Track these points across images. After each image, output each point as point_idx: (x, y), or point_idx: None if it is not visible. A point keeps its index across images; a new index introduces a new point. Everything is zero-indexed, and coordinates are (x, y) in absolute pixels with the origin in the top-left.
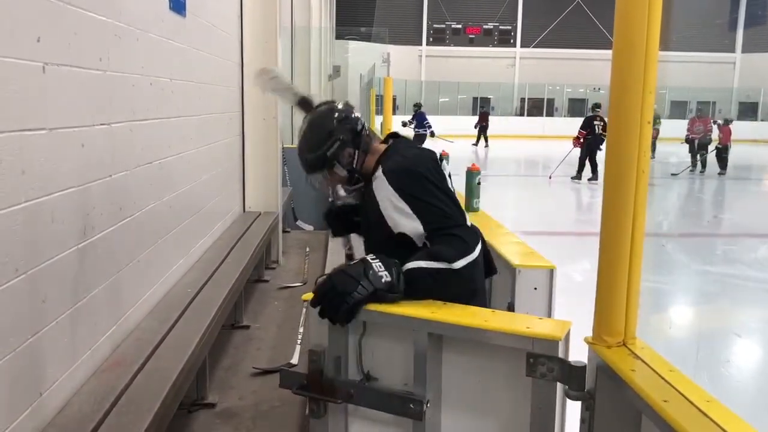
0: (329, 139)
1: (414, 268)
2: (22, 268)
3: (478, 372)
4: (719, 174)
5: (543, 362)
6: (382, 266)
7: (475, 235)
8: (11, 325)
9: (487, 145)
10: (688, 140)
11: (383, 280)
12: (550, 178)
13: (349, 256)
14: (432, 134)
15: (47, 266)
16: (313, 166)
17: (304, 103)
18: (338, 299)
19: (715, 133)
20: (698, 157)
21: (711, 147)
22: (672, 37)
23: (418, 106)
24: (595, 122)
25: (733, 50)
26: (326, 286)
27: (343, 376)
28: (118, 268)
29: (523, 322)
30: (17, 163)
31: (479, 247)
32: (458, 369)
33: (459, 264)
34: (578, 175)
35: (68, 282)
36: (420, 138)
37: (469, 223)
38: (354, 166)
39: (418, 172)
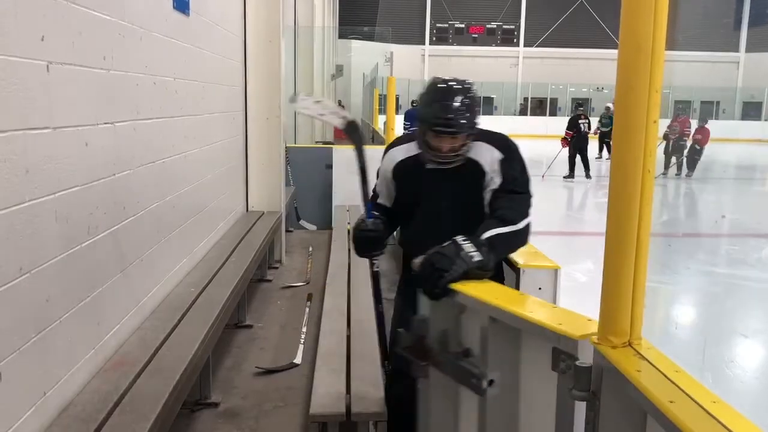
0: (478, 112)
1: (494, 236)
2: (26, 267)
3: (522, 359)
4: (687, 176)
5: (564, 359)
6: (473, 246)
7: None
8: (15, 324)
9: None
10: (665, 137)
11: (474, 260)
12: (543, 177)
13: (376, 275)
14: None
15: (51, 265)
16: (461, 128)
17: (352, 126)
18: (436, 276)
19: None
20: (673, 159)
21: (687, 150)
22: (677, 37)
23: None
24: (581, 121)
25: (737, 49)
26: (426, 265)
27: (446, 347)
28: (121, 267)
29: (559, 318)
30: (21, 162)
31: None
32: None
33: (523, 224)
34: (571, 174)
35: (72, 281)
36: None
37: None
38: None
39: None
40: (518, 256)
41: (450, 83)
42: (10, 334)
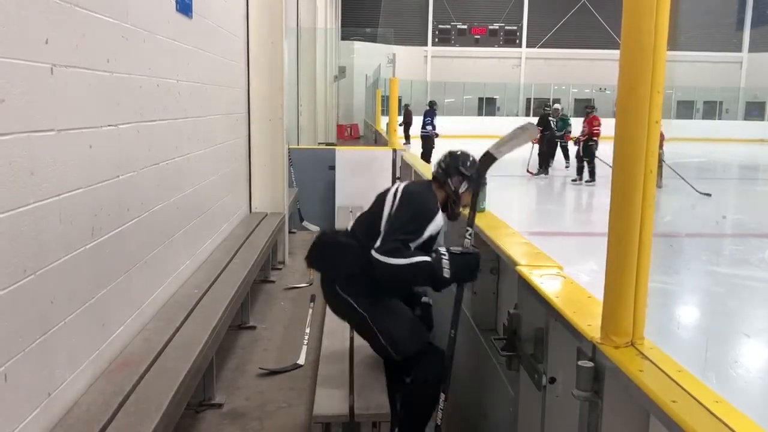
0: None
1: None
2: (30, 268)
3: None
4: (587, 182)
5: (581, 357)
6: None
7: None
8: (20, 325)
9: (408, 143)
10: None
11: None
12: (528, 171)
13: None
14: (436, 135)
15: (56, 267)
16: None
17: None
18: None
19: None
20: (584, 163)
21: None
22: (679, 37)
23: (429, 104)
24: (550, 119)
25: (740, 50)
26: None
27: (538, 343)
28: (125, 268)
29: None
30: (26, 164)
31: None
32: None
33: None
34: (545, 171)
35: (77, 282)
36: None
37: None
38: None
39: None
40: (520, 257)
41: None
42: (15, 336)
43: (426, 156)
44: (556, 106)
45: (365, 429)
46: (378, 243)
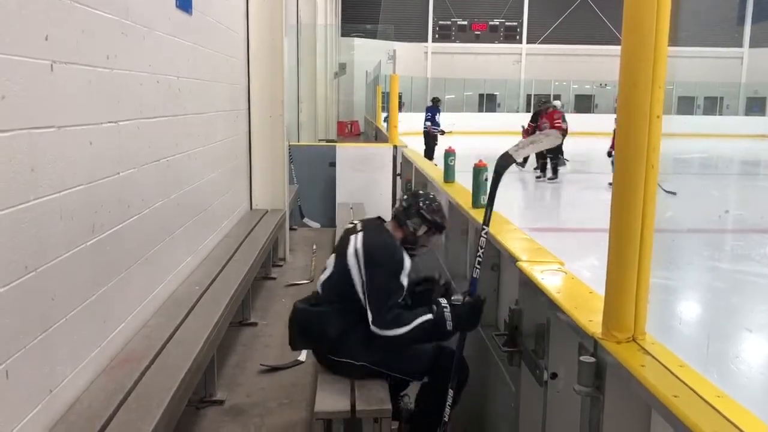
0: None
1: None
2: (31, 265)
3: None
4: (549, 179)
5: (583, 353)
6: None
7: None
8: (21, 322)
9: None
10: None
11: None
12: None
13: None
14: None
15: (57, 264)
16: None
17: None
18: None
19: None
20: (546, 160)
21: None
22: (680, 33)
23: (433, 100)
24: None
25: (740, 45)
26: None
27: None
28: (126, 265)
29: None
30: (27, 161)
31: None
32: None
33: None
34: (542, 173)
35: (77, 279)
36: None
37: None
38: None
39: None
40: (521, 252)
41: None
42: (16, 333)
43: (428, 153)
44: (556, 102)
45: (367, 425)
46: (372, 317)
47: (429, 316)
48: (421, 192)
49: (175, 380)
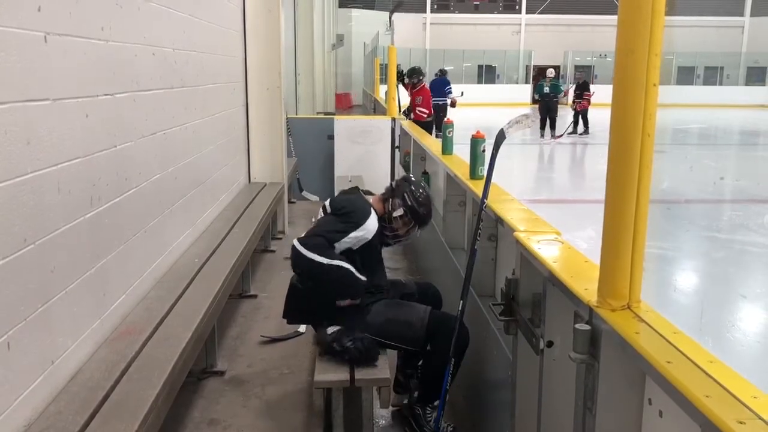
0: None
1: None
2: (30, 238)
3: None
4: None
5: (578, 321)
6: None
7: None
8: (22, 294)
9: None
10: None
11: None
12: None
13: None
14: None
15: (55, 236)
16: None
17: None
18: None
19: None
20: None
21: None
22: (679, 1)
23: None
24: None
25: (742, 14)
26: None
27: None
28: (125, 238)
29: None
30: (22, 134)
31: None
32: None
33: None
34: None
35: (77, 252)
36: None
37: None
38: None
39: None
40: (518, 223)
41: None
42: (17, 305)
43: (438, 126)
44: (550, 71)
45: (366, 394)
46: (302, 236)
47: (350, 266)
48: (416, 180)
49: (175, 351)
